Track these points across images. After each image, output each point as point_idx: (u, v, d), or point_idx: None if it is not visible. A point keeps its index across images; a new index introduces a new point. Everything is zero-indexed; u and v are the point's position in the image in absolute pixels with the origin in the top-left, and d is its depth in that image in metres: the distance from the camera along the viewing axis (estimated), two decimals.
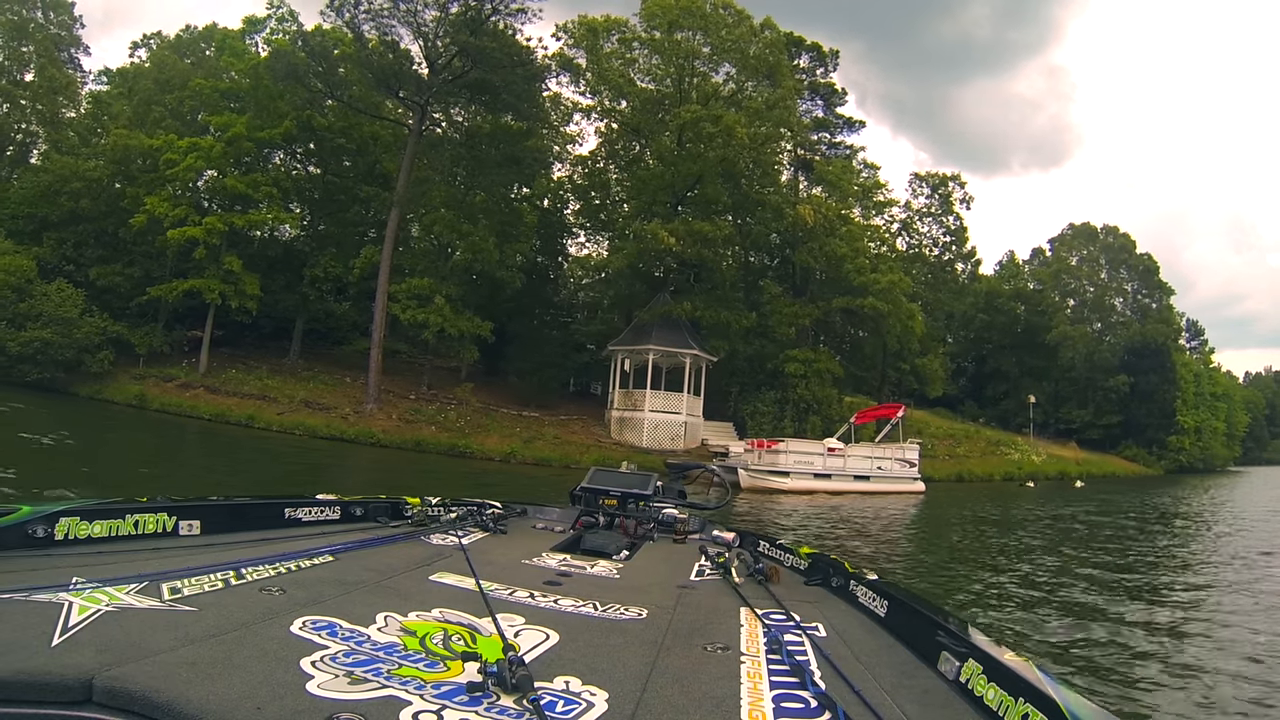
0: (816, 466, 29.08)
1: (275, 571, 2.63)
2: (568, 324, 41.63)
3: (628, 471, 5.49)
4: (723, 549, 4.05)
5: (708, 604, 2.91)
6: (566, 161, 40.94)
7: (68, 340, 30.99)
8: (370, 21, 32.92)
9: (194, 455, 22.91)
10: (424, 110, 33.78)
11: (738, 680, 1.99)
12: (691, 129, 33.40)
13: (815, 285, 39.70)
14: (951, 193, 48.73)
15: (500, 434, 31.40)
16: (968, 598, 10.63)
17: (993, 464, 43.85)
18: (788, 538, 14.75)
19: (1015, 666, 1.88)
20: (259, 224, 35.79)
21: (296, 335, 38.07)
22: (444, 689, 1.70)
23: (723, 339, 34.85)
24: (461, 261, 33.30)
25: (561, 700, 1.73)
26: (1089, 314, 63.35)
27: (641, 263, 35.58)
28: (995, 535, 19.09)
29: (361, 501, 4.11)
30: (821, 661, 2.18)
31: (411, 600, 2.49)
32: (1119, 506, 28.86)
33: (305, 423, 30.66)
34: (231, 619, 2.04)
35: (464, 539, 3.72)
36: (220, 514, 3.33)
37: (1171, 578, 13.30)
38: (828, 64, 46.41)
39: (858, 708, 1.82)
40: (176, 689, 1.53)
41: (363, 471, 23.16)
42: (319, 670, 1.73)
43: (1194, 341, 74.32)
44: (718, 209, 36.51)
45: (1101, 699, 2.99)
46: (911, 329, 39.29)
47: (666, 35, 36.05)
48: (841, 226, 37.91)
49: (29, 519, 2.58)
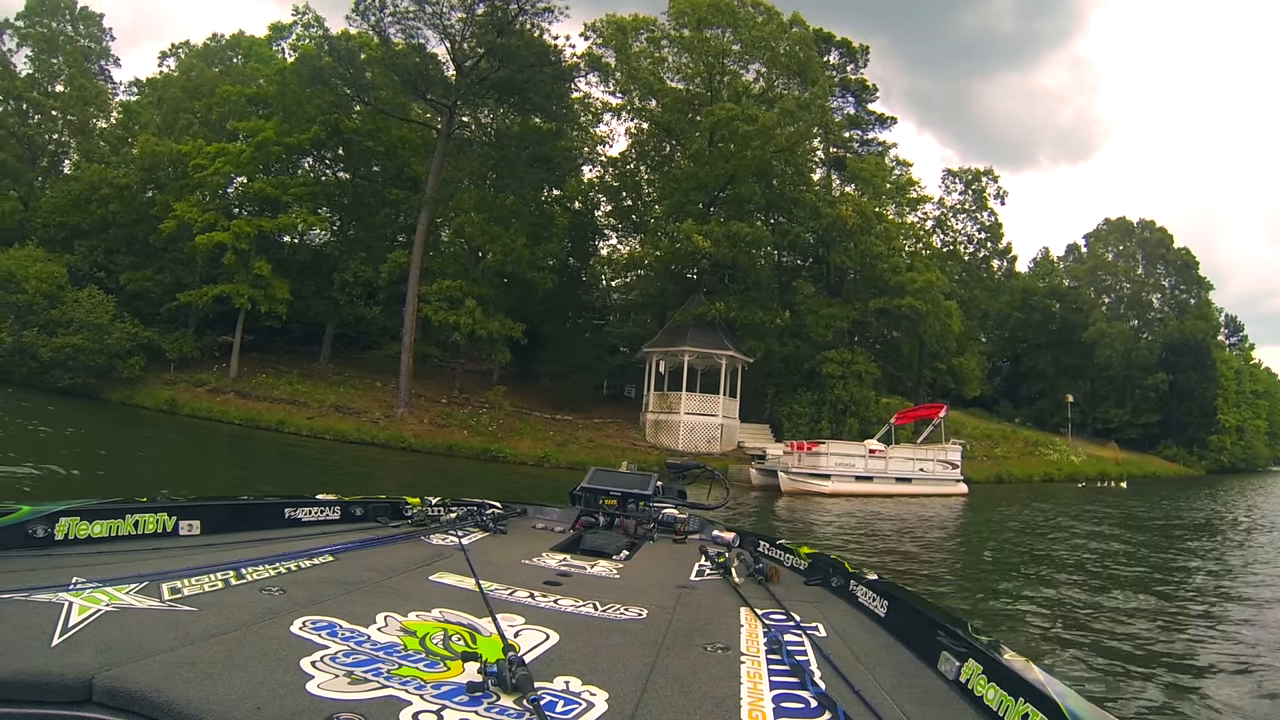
0: (858, 469, 28.36)
1: (275, 571, 2.62)
2: (600, 326, 41.24)
3: (628, 471, 5.49)
4: (723, 549, 4.02)
5: (708, 604, 2.90)
6: (597, 163, 40.58)
7: (99, 346, 31.13)
8: (396, 25, 32.80)
9: (226, 460, 22.66)
10: (452, 112, 33.52)
11: (738, 680, 1.98)
12: (725, 127, 32.80)
13: (850, 285, 38.95)
14: (985, 188, 47.58)
15: (533, 438, 30.93)
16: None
17: (1032, 465, 42.94)
18: (836, 545, 14.09)
19: (1015, 666, 1.87)
20: (288, 228, 35.75)
21: (327, 340, 37.94)
22: (444, 689, 1.68)
23: (758, 340, 34.23)
24: (492, 263, 32.93)
25: (561, 700, 1.72)
26: (1125, 311, 61.81)
27: (674, 264, 35.04)
28: (1088, 540, 17.69)
29: (361, 502, 4.09)
30: (821, 661, 2.17)
31: (411, 600, 2.48)
32: (1207, 506, 27.51)
33: (335, 427, 30.44)
34: (231, 619, 2.03)
35: (464, 539, 3.71)
36: (220, 514, 3.32)
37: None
38: (857, 60, 45.76)
39: (858, 708, 1.81)
40: (176, 689, 1.51)
41: (393, 476, 22.76)
42: (319, 670, 1.71)
43: (1233, 338, 72.38)
44: (751, 208, 35.92)
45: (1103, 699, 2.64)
46: (949, 328, 38.43)
47: (696, 33, 35.53)
48: (877, 224, 37.13)
49: (29, 519, 2.56)
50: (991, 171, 47.76)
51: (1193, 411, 58.65)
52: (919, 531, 18.66)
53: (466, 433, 30.83)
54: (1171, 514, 26.38)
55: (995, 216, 48.80)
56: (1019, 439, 46.50)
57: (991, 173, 47.75)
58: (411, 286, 31.91)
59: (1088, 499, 31.35)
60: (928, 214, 45.82)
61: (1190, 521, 24.02)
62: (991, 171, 47.76)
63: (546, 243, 33.54)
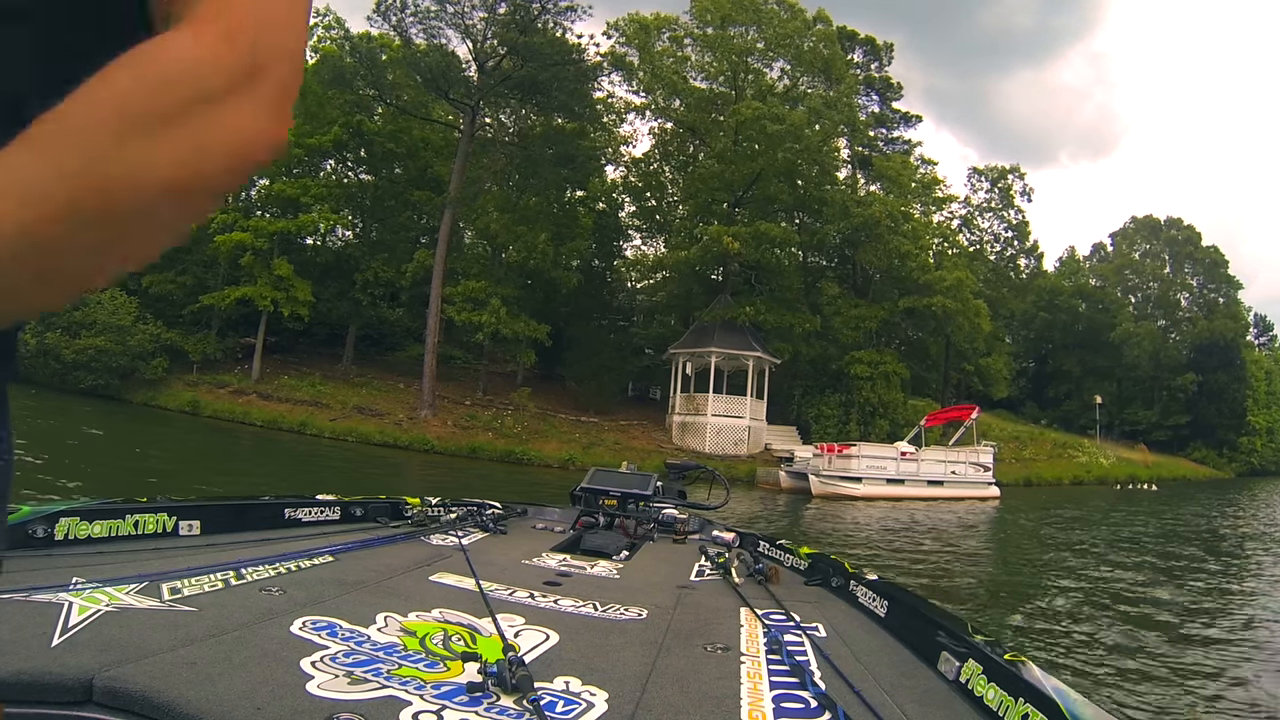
0: (889, 471, 27.77)
1: (275, 571, 2.61)
2: (625, 328, 40.84)
3: (627, 472, 5.49)
4: (723, 549, 4.03)
5: (708, 604, 2.89)
6: (620, 163, 40.25)
7: (121, 348, 31.04)
8: (418, 25, 32.64)
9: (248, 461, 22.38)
10: (475, 112, 33.24)
11: (738, 680, 1.97)
12: (752, 125, 32.33)
13: (876, 285, 38.38)
14: (1011, 186, 46.80)
15: (559, 440, 30.53)
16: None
17: (1061, 467, 42.15)
18: (875, 555, 13.46)
19: (1015, 667, 1.85)
20: (310, 228, 35.51)
21: (349, 342, 37.76)
22: (444, 689, 1.67)
23: (786, 341, 33.73)
24: (516, 262, 32.58)
25: (561, 700, 1.70)
26: (1153, 310, 60.78)
27: (700, 265, 34.63)
28: (1165, 560, 15.80)
29: (361, 502, 4.09)
30: (821, 661, 2.16)
31: (411, 600, 2.47)
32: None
33: (358, 429, 30.14)
34: (231, 619, 2.02)
35: (464, 539, 3.71)
36: (220, 514, 3.31)
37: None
38: (881, 57, 45.17)
39: (858, 708, 1.80)
40: (176, 689, 1.51)
41: (415, 478, 22.41)
42: (319, 670, 1.70)
43: (1263, 337, 70.97)
44: (777, 208, 35.43)
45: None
46: (979, 327, 37.76)
47: (719, 31, 35.13)
48: (905, 223, 36.56)
49: (29, 519, 2.55)
50: (1018, 169, 46.88)
51: (1222, 413, 57.56)
52: (961, 538, 18.08)
53: (491, 435, 30.47)
54: (1235, 520, 25.58)
55: (1022, 215, 48.03)
56: (1046, 441, 45.72)
57: (1018, 169, 46.89)
58: (435, 287, 31.62)
59: (1128, 502, 30.62)
60: (954, 213, 45.14)
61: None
62: (1018, 169, 46.88)
63: (571, 242, 33.19)
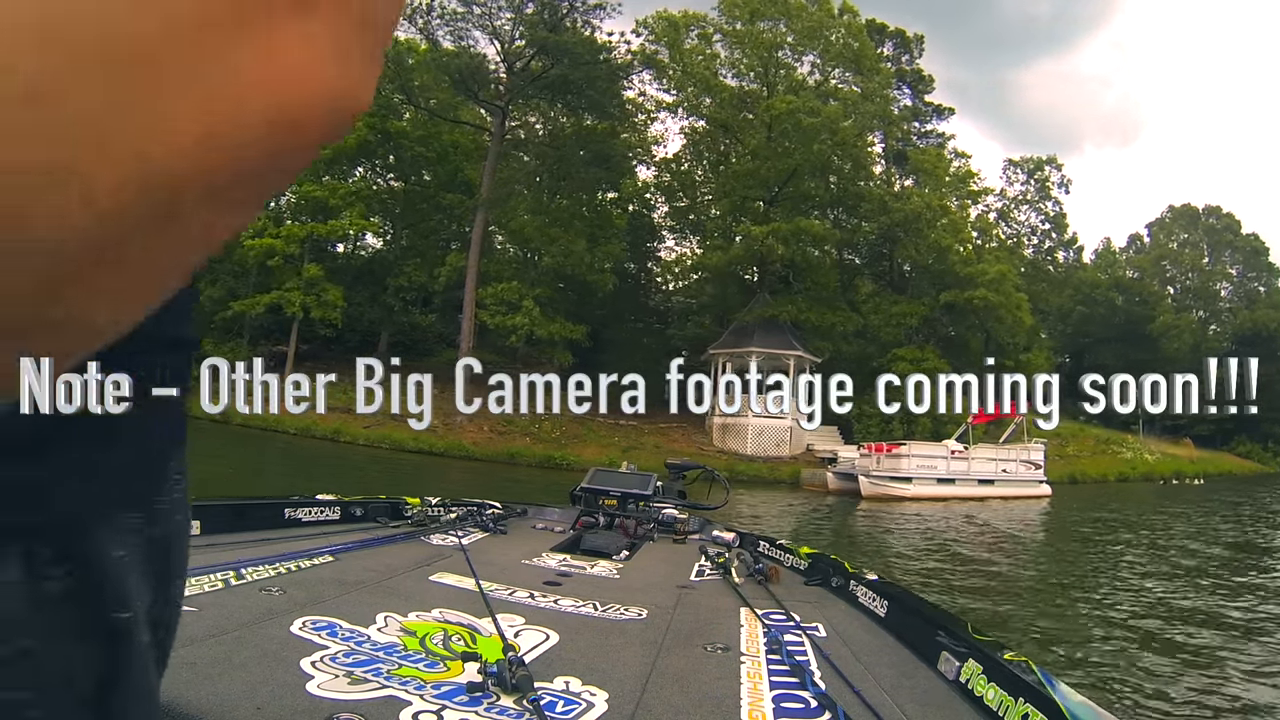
0: (940, 471, 27.03)
1: (275, 571, 2.59)
2: (661, 330, 40.35)
3: (628, 471, 5.48)
4: (723, 549, 4.01)
5: (708, 604, 2.88)
6: (651, 164, 39.82)
7: None
8: (445, 27, 32.47)
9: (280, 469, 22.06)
10: (505, 113, 32.92)
11: (738, 680, 1.95)
12: (787, 120, 31.75)
13: (914, 281, 37.60)
14: (1048, 177, 45.84)
15: (598, 444, 30.04)
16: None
17: (1105, 464, 41.24)
18: (969, 573, 12.68)
19: (1015, 667, 1.84)
20: (340, 233, 35.30)
21: (382, 347, 37.47)
22: (444, 689, 1.66)
23: (826, 340, 33.13)
24: (550, 264, 32.21)
25: (561, 700, 1.69)
26: (1192, 301, 59.45)
27: (740, 266, 34.09)
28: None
29: (361, 501, 4.09)
30: (821, 661, 2.13)
31: (411, 600, 2.45)
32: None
33: (392, 436, 29.73)
34: (231, 619, 1.99)
35: (464, 539, 3.70)
36: (220, 514, 3.28)
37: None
38: (912, 50, 44.41)
39: (858, 708, 1.78)
40: (176, 689, 1.50)
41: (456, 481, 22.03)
42: (319, 670, 1.69)
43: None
44: (811, 205, 34.82)
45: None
46: (1021, 320, 36.87)
47: (748, 26, 34.57)
48: (942, 217, 35.80)
49: None
50: (1055, 159, 45.96)
51: (1268, 405, 56.12)
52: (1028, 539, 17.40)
53: (528, 440, 30.06)
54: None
55: (1060, 206, 46.99)
56: (1088, 437, 44.61)
57: (1055, 160, 45.96)
58: (469, 290, 31.33)
59: (1184, 500, 29.68)
60: (990, 206, 44.24)
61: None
62: (1055, 159, 45.96)
63: (605, 244, 32.75)
